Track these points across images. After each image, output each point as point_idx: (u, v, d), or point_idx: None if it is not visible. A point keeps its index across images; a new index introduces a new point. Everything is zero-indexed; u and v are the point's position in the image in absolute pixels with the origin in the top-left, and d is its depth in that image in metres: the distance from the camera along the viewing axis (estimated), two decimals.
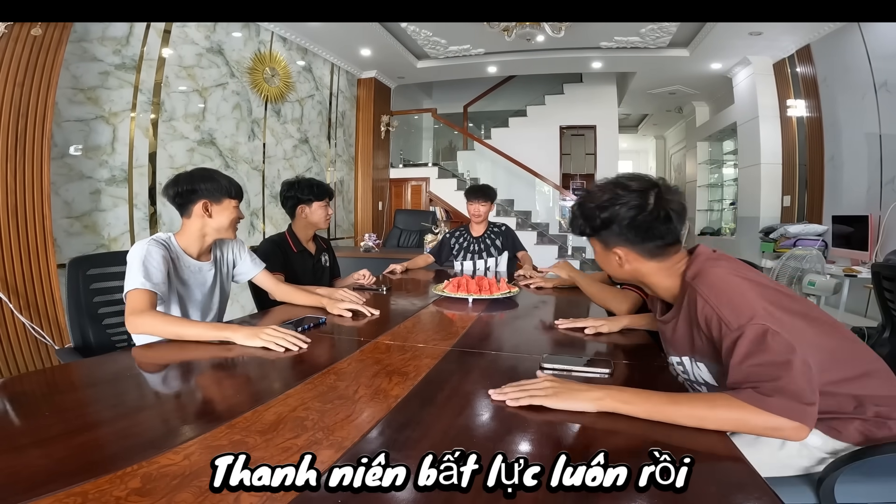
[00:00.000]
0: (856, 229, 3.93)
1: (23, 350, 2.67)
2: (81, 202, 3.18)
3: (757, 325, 0.89)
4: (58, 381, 1.15)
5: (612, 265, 1.15)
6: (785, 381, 0.84)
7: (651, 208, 1.04)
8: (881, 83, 3.83)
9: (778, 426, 0.83)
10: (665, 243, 1.08)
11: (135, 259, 1.48)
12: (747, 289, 0.97)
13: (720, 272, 1.01)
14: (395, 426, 0.83)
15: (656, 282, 1.13)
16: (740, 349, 0.89)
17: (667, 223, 1.05)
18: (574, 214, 1.18)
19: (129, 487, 0.63)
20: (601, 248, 1.16)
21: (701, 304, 0.99)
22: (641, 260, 1.10)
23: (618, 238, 1.09)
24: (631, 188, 1.06)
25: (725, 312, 0.94)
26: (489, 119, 8.91)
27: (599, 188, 1.12)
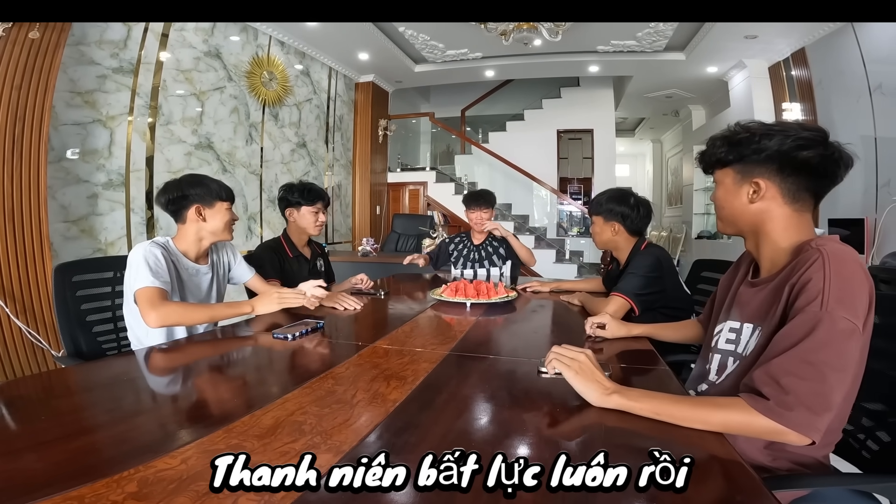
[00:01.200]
0: (852, 232, 3.94)
1: (19, 355, 2.66)
2: (78, 206, 3.17)
3: (850, 323, 0.82)
4: (54, 385, 1.14)
5: (738, 200, 1.05)
6: (823, 391, 0.80)
7: (821, 148, 0.96)
8: (876, 86, 3.85)
9: (783, 433, 0.81)
10: (815, 188, 0.99)
11: (139, 259, 1.50)
12: (865, 291, 0.88)
13: (856, 261, 0.91)
14: (394, 430, 0.83)
15: (777, 232, 1.02)
16: (818, 334, 0.82)
17: (833, 166, 0.97)
18: (713, 144, 1.09)
19: (126, 492, 0.62)
20: (733, 178, 1.06)
21: (816, 268, 0.88)
22: (779, 200, 1.00)
23: (768, 167, 1.00)
24: (808, 128, 0.99)
25: (833, 289, 0.85)
26: (487, 123, 8.93)
27: (756, 122, 1.03)
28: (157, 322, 1.41)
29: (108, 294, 1.75)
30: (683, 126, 8.81)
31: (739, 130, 1.04)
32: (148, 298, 1.43)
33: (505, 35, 4.90)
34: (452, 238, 3.16)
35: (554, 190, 7.56)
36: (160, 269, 1.51)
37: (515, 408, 0.95)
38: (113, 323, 1.74)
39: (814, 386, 0.80)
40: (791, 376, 0.82)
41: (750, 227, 1.07)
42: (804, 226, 1.02)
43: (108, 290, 1.75)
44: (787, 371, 0.82)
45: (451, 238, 3.17)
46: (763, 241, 1.05)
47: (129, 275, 1.51)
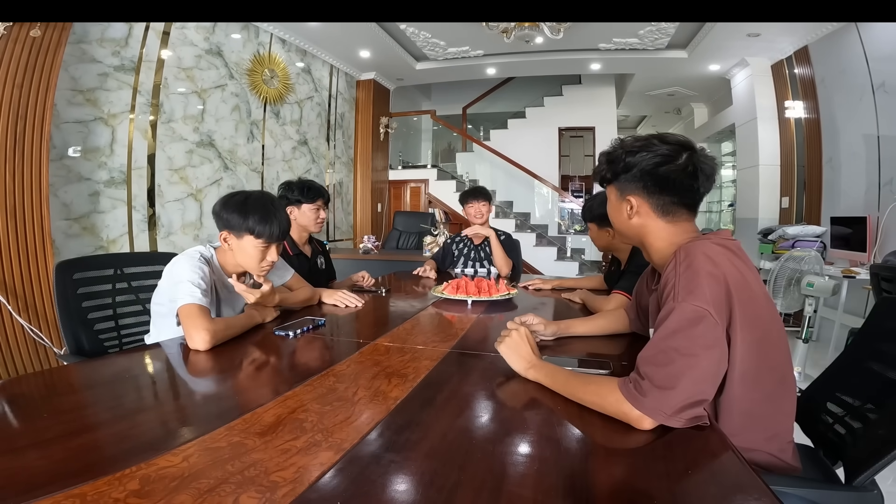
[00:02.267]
0: (854, 230, 3.93)
1: (21, 352, 2.67)
2: (80, 204, 3.18)
3: (697, 308, 0.87)
4: (56, 382, 1.15)
5: (621, 216, 1.11)
6: (671, 373, 0.85)
7: (680, 162, 1.01)
8: (879, 84, 3.84)
9: (639, 420, 0.84)
10: (681, 201, 1.04)
11: (187, 273, 1.42)
12: (715, 278, 0.91)
13: (708, 249, 0.97)
14: (395, 428, 0.83)
15: (657, 244, 1.08)
16: (670, 322, 0.89)
17: (691, 179, 1.02)
18: (600, 160, 1.15)
19: (128, 489, 0.62)
20: (616, 196, 1.12)
21: (670, 268, 0.97)
22: (652, 215, 1.06)
23: (635, 185, 1.06)
24: (667, 140, 1.04)
25: (682, 282, 0.91)
26: (488, 121, 8.92)
27: (635, 138, 1.08)
28: (207, 344, 1.28)
29: (109, 292, 1.74)
30: (686, 124, 8.79)
31: (616, 147, 1.11)
32: (194, 318, 1.32)
33: (506, 33, 4.90)
34: (453, 238, 3.17)
35: (555, 188, 7.56)
36: (206, 287, 1.43)
37: (516, 405, 0.96)
38: (114, 321, 1.73)
39: (664, 370, 0.86)
40: (648, 364, 0.88)
41: (637, 240, 1.13)
42: (682, 233, 1.06)
43: (109, 288, 1.74)
44: (646, 360, 0.89)
45: (452, 238, 3.18)
46: (650, 251, 1.11)
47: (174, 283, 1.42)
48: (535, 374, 1.05)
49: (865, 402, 1.15)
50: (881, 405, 1.10)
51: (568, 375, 1.01)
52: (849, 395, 1.20)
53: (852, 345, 1.28)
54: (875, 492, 0.96)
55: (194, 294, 1.37)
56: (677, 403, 0.83)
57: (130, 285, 1.80)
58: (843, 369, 1.27)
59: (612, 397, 0.88)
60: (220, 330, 1.34)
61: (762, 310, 0.96)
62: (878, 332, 1.21)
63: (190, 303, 1.35)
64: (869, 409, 1.13)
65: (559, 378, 1.01)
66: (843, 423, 1.18)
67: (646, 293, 1.31)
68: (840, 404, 1.21)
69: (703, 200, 1.08)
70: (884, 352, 1.16)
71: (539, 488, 0.65)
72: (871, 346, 1.21)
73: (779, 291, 3.58)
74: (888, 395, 1.09)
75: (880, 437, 1.02)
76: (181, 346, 1.33)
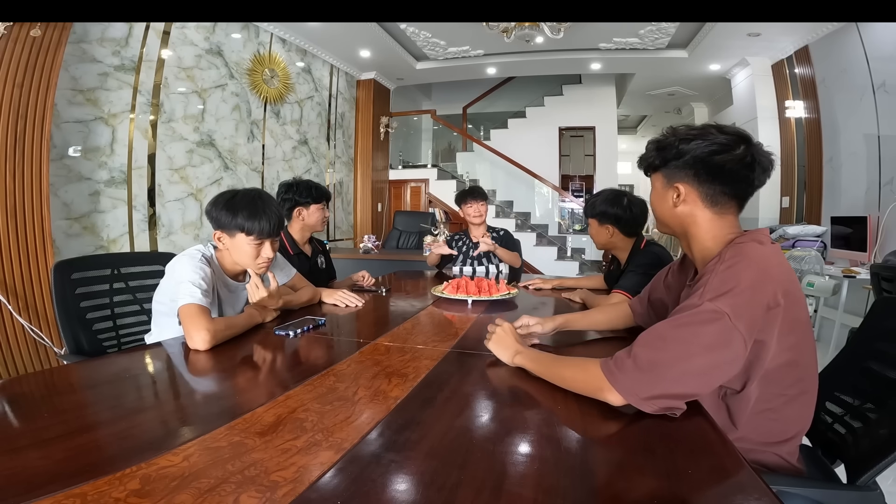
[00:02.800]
0: (855, 230, 3.93)
1: (22, 352, 2.67)
2: (80, 203, 3.18)
3: (715, 308, 0.86)
4: (56, 382, 1.15)
5: (665, 203, 1.09)
6: (658, 359, 0.85)
7: (738, 152, 0.98)
8: (879, 84, 3.84)
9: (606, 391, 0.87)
10: (732, 192, 1.02)
11: (188, 273, 1.41)
12: (758, 287, 0.89)
13: (762, 253, 0.93)
14: (395, 427, 0.83)
15: (700, 234, 1.05)
16: (683, 315, 0.88)
17: (747, 170, 0.99)
18: (648, 148, 1.12)
19: (129, 489, 0.62)
20: (662, 183, 1.09)
21: (714, 262, 0.95)
22: (699, 204, 1.03)
23: (686, 171, 1.03)
24: (725, 131, 1.01)
25: (716, 281, 0.89)
26: (488, 120, 8.92)
27: (690, 126, 1.06)
28: (207, 344, 1.28)
29: (107, 292, 1.74)
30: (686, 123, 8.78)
31: (668, 135, 1.08)
32: (194, 319, 1.31)
33: (507, 32, 4.89)
34: (452, 236, 3.17)
35: (555, 187, 7.56)
36: (207, 287, 1.43)
37: (516, 405, 0.96)
38: (112, 321, 1.73)
39: (652, 354, 0.86)
40: (640, 345, 0.88)
41: (679, 230, 1.10)
42: (728, 227, 1.04)
43: (107, 288, 1.74)
44: (641, 340, 0.89)
45: (452, 236, 3.18)
46: (692, 242, 1.08)
47: (175, 283, 1.42)
48: (520, 360, 1.10)
49: (865, 401, 1.15)
50: (882, 404, 1.09)
51: (551, 358, 1.05)
52: (848, 395, 1.20)
53: (851, 344, 1.28)
54: (877, 491, 0.96)
55: (195, 294, 1.37)
56: (654, 390, 0.84)
57: (128, 285, 1.80)
58: (842, 369, 1.27)
59: (592, 372, 0.90)
60: (221, 330, 1.34)
61: (803, 314, 0.95)
62: (876, 331, 1.21)
63: (190, 303, 1.35)
64: (869, 409, 1.12)
65: (543, 361, 1.05)
66: (842, 422, 1.18)
67: (662, 287, 1.30)
68: (839, 404, 1.21)
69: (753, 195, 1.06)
70: (883, 351, 1.16)
71: (539, 488, 0.65)
72: (870, 345, 1.21)
73: None
74: (888, 394, 1.09)
75: (882, 436, 1.02)
76: (181, 345, 1.33)
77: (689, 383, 0.85)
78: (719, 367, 0.87)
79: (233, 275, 1.63)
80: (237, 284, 1.66)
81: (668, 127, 1.10)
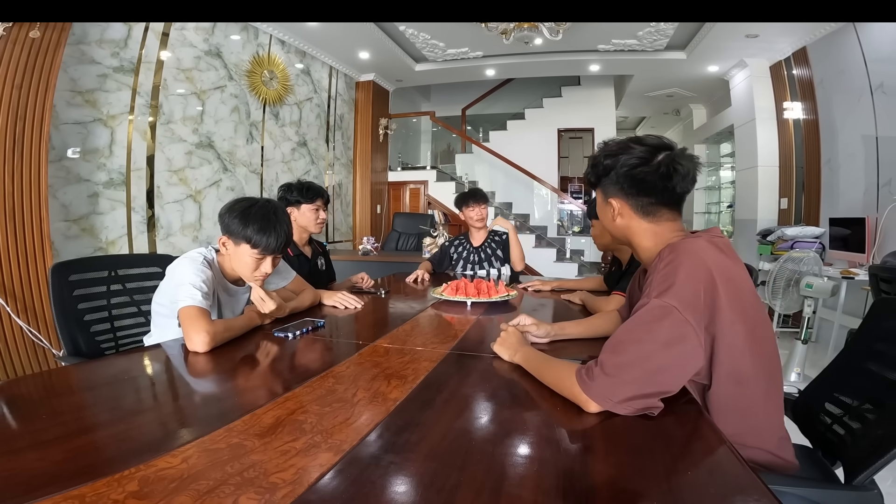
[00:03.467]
0: (853, 231, 3.94)
1: (20, 354, 2.67)
2: (79, 205, 3.18)
3: (665, 304, 0.89)
4: (55, 384, 1.14)
5: (606, 218, 1.15)
6: (621, 362, 0.88)
7: (654, 163, 1.03)
8: (877, 85, 3.85)
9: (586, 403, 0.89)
10: (659, 201, 1.06)
11: (189, 275, 1.41)
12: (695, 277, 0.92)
13: (694, 246, 0.98)
14: (394, 429, 0.83)
15: (643, 243, 1.10)
16: (636, 316, 0.92)
17: (664, 181, 1.03)
18: (587, 165, 1.17)
19: (127, 490, 0.62)
20: (601, 199, 1.15)
21: (654, 263, 1.00)
22: (634, 216, 1.09)
23: (615, 187, 1.09)
24: (645, 143, 1.06)
25: (658, 278, 0.94)
26: (487, 122, 8.92)
27: (616, 141, 1.11)
28: (206, 346, 1.28)
29: (104, 294, 1.73)
30: (685, 125, 8.80)
31: (599, 152, 1.12)
32: (194, 321, 1.31)
33: (505, 34, 4.90)
34: (452, 241, 3.16)
35: (554, 189, 7.56)
36: (207, 290, 1.43)
37: (516, 407, 0.96)
38: (110, 322, 1.73)
39: (616, 359, 0.89)
40: (605, 352, 0.92)
41: (624, 240, 1.15)
42: (666, 231, 1.08)
43: (104, 290, 1.74)
44: (606, 347, 0.93)
45: (451, 241, 3.17)
46: (637, 250, 1.13)
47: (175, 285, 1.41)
48: (518, 359, 1.16)
49: (864, 402, 1.15)
50: (880, 405, 1.10)
51: (540, 358, 1.10)
52: (847, 396, 1.20)
53: (849, 345, 1.29)
54: (875, 491, 0.97)
55: (195, 296, 1.36)
56: (626, 393, 0.86)
57: (125, 287, 1.80)
58: (840, 370, 1.28)
59: (569, 380, 0.93)
60: (220, 332, 1.34)
61: (749, 305, 0.97)
62: (875, 332, 1.22)
63: (190, 305, 1.35)
64: (867, 410, 1.13)
65: (533, 361, 1.11)
66: (841, 423, 1.18)
67: (637, 292, 1.32)
68: (838, 405, 1.22)
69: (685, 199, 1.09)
70: (881, 352, 1.17)
71: (539, 489, 0.65)
72: (868, 346, 1.22)
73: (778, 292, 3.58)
74: (886, 395, 1.09)
75: (879, 436, 1.03)
76: (181, 347, 1.33)
77: (656, 381, 0.87)
78: (681, 361, 0.90)
79: (233, 279, 1.63)
80: (237, 289, 1.66)
81: (601, 142, 1.15)
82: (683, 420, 0.88)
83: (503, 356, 1.21)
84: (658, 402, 0.87)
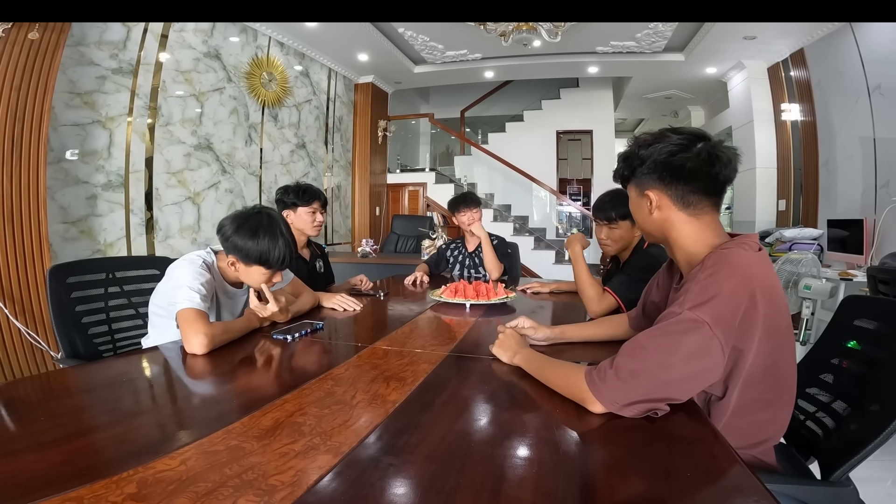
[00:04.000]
0: (851, 233, 3.94)
1: (18, 356, 2.66)
2: (77, 207, 3.17)
3: (695, 317, 0.86)
4: (53, 386, 1.14)
5: (642, 213, 1.09)
6: (638, 368, 0.87)
7: (695, 150, 0.99)
8: (875, 87, 3.86)
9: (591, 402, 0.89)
10: (700, 189, 1.01)
11: (188, 277, 1.42)
12: (738, 294, 0.89)
13: (745, 258, 0.94)
14: (393, 431, 0.83)
15: (682, 238, 1.04)
16: (665, 324, 0.89)
17: (707, 166, 0.98)
18: (618, 161, 1.13)
19: (125, 493, 0.62)
20: (636, 193, 1.10)
21: (697, 269, 0.95)
22: (673, 207, 1.03)
23: (652, 176, 1.04)
24: (682, 132, 1.02)
25: (697, 289, 0.90)
26: (486, 124, 8.93)
27: (650, 133, 1.07)
28: (204, 348, 1.28)
29: (102, 296, 1.73)
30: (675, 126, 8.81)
31: (632, 145, 1.10)
32: (192, 323, 1.32)
33: (504, 36, 4.90)
34: (449, 244, 3.17)
35: (553, 191, 7.57)
36: (207, 294, 1.43)
37: (515, 408, 0.96)
38: (107, 325, 1.73)
39: (633, 364, 0.88)
40: (623, 354, 0.90)
41: (661, 237, 1.10)
42: (707, 228, 1.03)
43: (102, 292, 1.73)
44: (624, 349, 0.91)
45: (448, 243, 3.18)
46: (674, 248, 1.08)
47: (174, 287, 1.42)
48: (518, 360, 1.15)
49: (836, 398, 1.17)
50: (851, 401, 1.12)
51: (542, 360, 1.09)
52: (819, 392, 1.22)
53: (820, 342, 1.30)
54: (851, 487, 0.97)
55: (193, 299, 1.36)
56: (633, 397, 0.86)
57: (123, 289, 1.80)
58: (812, 366, 1.29)
59: (576, 379, 0.92)
60: (218, 334, 1.34)
61: (783, 321, 0.95)
62: (845, 328, 1.24)
63: (189, 307, 1.34)
64: (839, 405, 1.15)
65: (535, 362, 1.10)
66: (814, 419, 1.20)
67: (655, 291, 1.29)
68: (811, 401, 1.23)
69: (726, 190, 1.05)
70: (851, 349, 1.19)
71: (538, 491, 0.65)
72: (838, 343, 1.24)
73: None
74: (857, 391, 1.11)
75: (853, 431, 1.04)
76: (179, 349, 1.32)
77: (669, 390, 0.87)
78: (698, 376, 0.88)
79: (232, 282, 1.63)
80: (236, 291, 1.66)
81: (630, 137, 1.12)
82: (682, 421, 0.88)
83: (502, 358, 1.20)
84: (664, 406, 0.87)
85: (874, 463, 0.95)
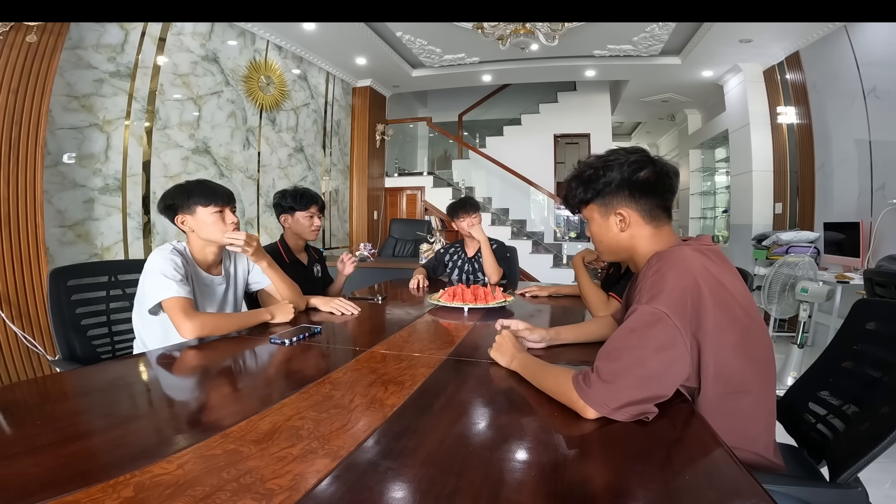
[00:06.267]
0: (847, 236, 3.96)
1: (14, 360, 2.65)
2: (74, 211, 3.16)
3: (656, 310, 0.91)
4: (50, 390, 1.14)
5: (610, 232, 1.13)
6: (616, 368, 0.89)
7: (652, 165, 1.06)
8: (870, 89, 3.88)
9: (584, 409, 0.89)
10: (663, 203, 1.08)
11: (162, 267, 1.45)
12: (682, 285, 0.94)
13: (681, 253, 0.99)
14: (391, 435, 0.83)
15: (645, 251, 1.09)
16: (628, 322, 0.93)
17: (667, 179, 1.06)
18: (570, 187, 1.17)
19: (122, 496, 0.62)
20: (600, 214, 1.13)
21: (644, 270, 1.01)
22: (640, 222, 1.09)
23: (621, 195, 1.08)
24: (630, 151, 1.09)
25: (648, 285, 0.95)
26: (484, 128, 8.95)
27: (593, 157, 1.13)
28: (195, 333, 1.35)
29: (103, 298, 1.74)
30: (679, 130, 8.85)
31: (585, 169, 1.14)
32: (181, 308, 1.38)
33: (502, 40, 4.91)
34: (447, 248, 3.16)
35: (551, 194, 7.57)
36: (181, 276, 1.46)
37: (513, 412, 0.95)
38: (107, 327, 1.73)
39: (612, 365, 0.90)
40: (600, 359, 0.93)
41: (627, 254, 1.15)
42: (668, 238, 1.10)
43: (103, 295, 1.74)
44: (600, 354, 0.94)
45: (446, 248, 3.18)
46: (638, 260, 1.12)
47: (149, 282, 1.45)
48: (515, 365, 1.15)
49: (846, 401, 1.17)
50: (861, 403, 1.12)
51: (537, 365, 1.10)
52: (830, 396, 1.22)
53: (831, 346, 1.30)
54: (859, 489, 0.97)
55: (171, 287, 1.41)
56: (622, 399, 0.87)
57: (125, 292, 1.80)
58: (823, 370, 1.29)
59: (566, 387, 0.93)
60: (209, 323, 1.41)
61: (740, 311, 0.98)
62: (855, 332, 1.24)
63: (172, 296, 1.39)
64: (849, 409, 1.15)
65: (530, 367, 1.10)
66: (825, 422, 1.20)
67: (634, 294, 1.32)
68: (822, 404, 1.23)
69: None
70: (861, 352, 1.19)
71: (537, 495, 0.64)
72: (849, 346, 1.24)
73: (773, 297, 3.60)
74: (867, 394, 1.11)
75: (862, 434, 1.04)
76: (177, 352, 1.32)
77: (650, 386, 0.88)
78: (671, 367, 0.91)
79: (205, 266, 1.66)
80: (211, 278, 1.68)
81: (577, 162, 1.18)
82: (680, 424, 0.88)
83: (500, 362, 1.20)
84: (653, 408, 0.88)
85: (874, 465, 0.94)
